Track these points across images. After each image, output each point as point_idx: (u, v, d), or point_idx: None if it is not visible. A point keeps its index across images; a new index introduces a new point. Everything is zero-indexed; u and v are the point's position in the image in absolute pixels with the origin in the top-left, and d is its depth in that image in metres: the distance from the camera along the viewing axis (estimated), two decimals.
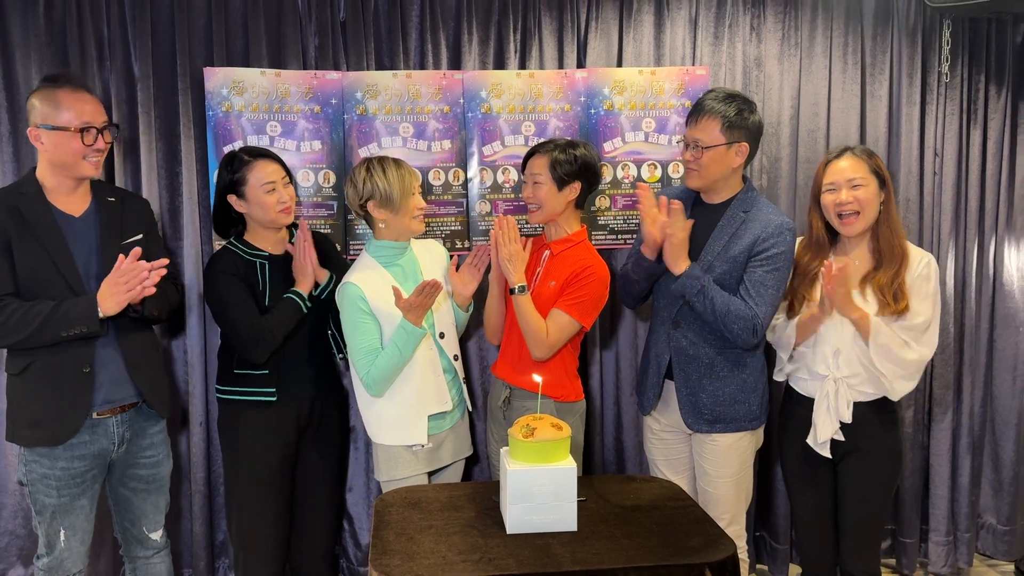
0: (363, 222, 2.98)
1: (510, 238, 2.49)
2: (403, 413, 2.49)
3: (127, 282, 2.18)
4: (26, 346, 2.22)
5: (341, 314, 2.49)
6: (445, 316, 2.60)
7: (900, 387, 2.37)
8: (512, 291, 2.48)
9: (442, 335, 2.56)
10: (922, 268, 2.37)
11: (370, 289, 2.46)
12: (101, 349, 2.31)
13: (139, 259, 2.20)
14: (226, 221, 2.62)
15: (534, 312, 2.49)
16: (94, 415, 2.32)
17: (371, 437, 2.57)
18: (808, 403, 2.47)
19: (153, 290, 2.22)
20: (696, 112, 2.45)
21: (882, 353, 2.33)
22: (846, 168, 2.39)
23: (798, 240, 2.53)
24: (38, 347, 2.22)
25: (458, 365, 2.63)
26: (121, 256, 2.20)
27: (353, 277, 2.48)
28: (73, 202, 2.33)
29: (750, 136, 2.43)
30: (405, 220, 2.50)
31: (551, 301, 2.54)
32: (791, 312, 2.49)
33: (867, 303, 2.37)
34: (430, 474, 2.61)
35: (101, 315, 2.20)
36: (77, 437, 2.29)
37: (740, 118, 2.40)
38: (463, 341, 3.04)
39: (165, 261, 2.24)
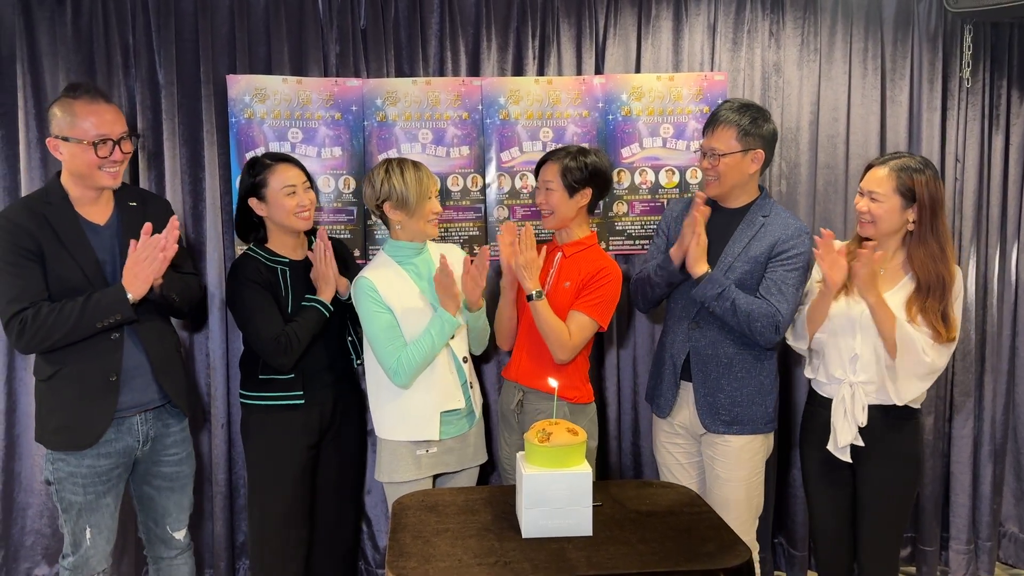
0: (382, 225, 3.02)
1: (527, 245, 2.51)
2: (418, 408, 2.50)
3: (146, 257, 2.21)
4: (64, 344, 2.25)
5: (357, 310, 2.50)
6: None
7: (908, 387, 2.35)
8: (529, 297, 2.50)
9: (452, 335, 2.56)
10: (955, 286, 2.38)
11: (382, 284, 2.48)
12: (128, 356, 2.35)
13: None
14: (247, 226, 2.65)
15: (553, 316, 2.52)
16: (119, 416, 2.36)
17: (380, 434, 2.55)
18: (828, 404, 2.47)
19: (175, 248, 2.25)
20: (712, 122, 2.51)
21: (902, 346, 2.32)
22: (873, 179, 2.39)
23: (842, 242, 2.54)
24: (75, 343, 2.25)
25: (467, 368, 2.61)
26: (132, 240, 2.23)
27: (367, 272, 2.51)
28: (97, 210, 2.36)
29: (765, 144, 2.49)
30: (420, 223, 2.52)
31: (566, 302, 2.57)
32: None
33: (920, 328, 2.34)
34: (436, 479, 2.60)
35: (131, 299, 2.23)
36: (99, 440, 2.33)
37: (754, 126, 2.46)
38: (486, 355, 3.07)
39: (175, 222, 2.26)
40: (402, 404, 2.51)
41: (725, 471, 2.54)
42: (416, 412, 2.50)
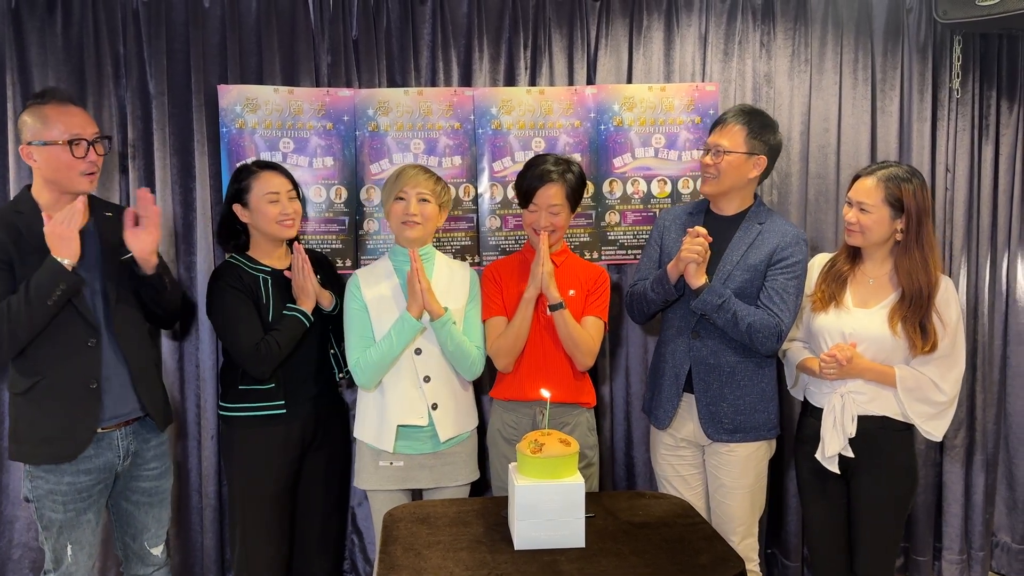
0: (374, 237, 3.03)
1: (547, 256, 2.52)
2: (378, 415, 2.52)
3: (62, 218, 2.16)
4: (31, 337, 2.20)
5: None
6: (428, 335, 2.53)
7: (934, 427, 2.40)
8: (554, 308, 2.51)
9: (418, 351, 2.52)
10: (940, 293, 2.37)
11: (367, 282, 2.54)
12: (107, 364, 2.31)
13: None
14: (230, 233, 2.64)
15: (577, 325, 2.57)
16: (99, 430, 2.32)
17: (354, 432, 2.62)
18: (821, 414, 2.47)
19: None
20: (721, 121, 2.53)
21: (911, 396, 2.37)
22: (861, 189, 2.40)
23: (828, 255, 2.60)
24: (40, 331, 2.21)
25: (428, 388, 2.52)
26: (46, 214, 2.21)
27: (360, 269, 2.61)
28: None
29: (769, 152, 2.51)
30: (393, 225, 2.54)
31: (577, 310, 2.61)
32: (816, 307, 2.49)
33: (898, 337, 2.36)
34: (421, 493, 2.59)
35: (67, 264, 2.16)
36: (83, 452, 2.29)
37: (763, 132, 2.49)
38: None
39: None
40: (368, 405, 2.55)
41: (731, 479, 2.55)
42: (376, 419, 2.52)
